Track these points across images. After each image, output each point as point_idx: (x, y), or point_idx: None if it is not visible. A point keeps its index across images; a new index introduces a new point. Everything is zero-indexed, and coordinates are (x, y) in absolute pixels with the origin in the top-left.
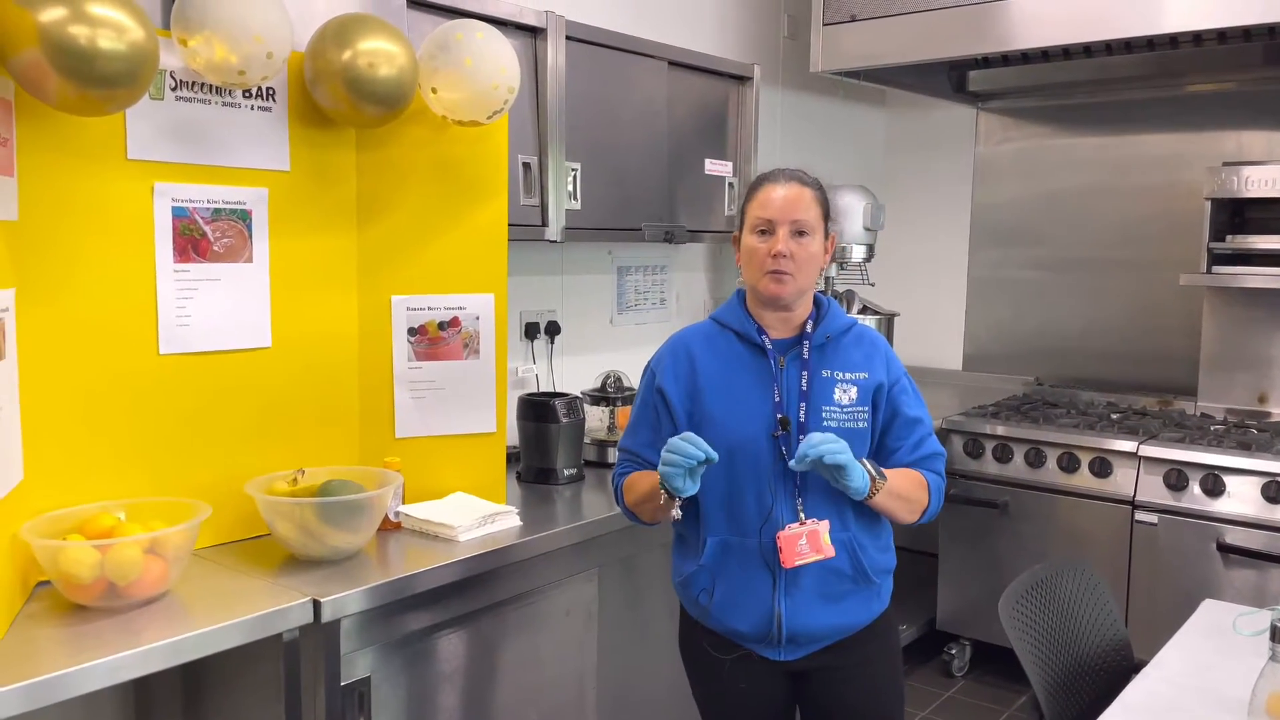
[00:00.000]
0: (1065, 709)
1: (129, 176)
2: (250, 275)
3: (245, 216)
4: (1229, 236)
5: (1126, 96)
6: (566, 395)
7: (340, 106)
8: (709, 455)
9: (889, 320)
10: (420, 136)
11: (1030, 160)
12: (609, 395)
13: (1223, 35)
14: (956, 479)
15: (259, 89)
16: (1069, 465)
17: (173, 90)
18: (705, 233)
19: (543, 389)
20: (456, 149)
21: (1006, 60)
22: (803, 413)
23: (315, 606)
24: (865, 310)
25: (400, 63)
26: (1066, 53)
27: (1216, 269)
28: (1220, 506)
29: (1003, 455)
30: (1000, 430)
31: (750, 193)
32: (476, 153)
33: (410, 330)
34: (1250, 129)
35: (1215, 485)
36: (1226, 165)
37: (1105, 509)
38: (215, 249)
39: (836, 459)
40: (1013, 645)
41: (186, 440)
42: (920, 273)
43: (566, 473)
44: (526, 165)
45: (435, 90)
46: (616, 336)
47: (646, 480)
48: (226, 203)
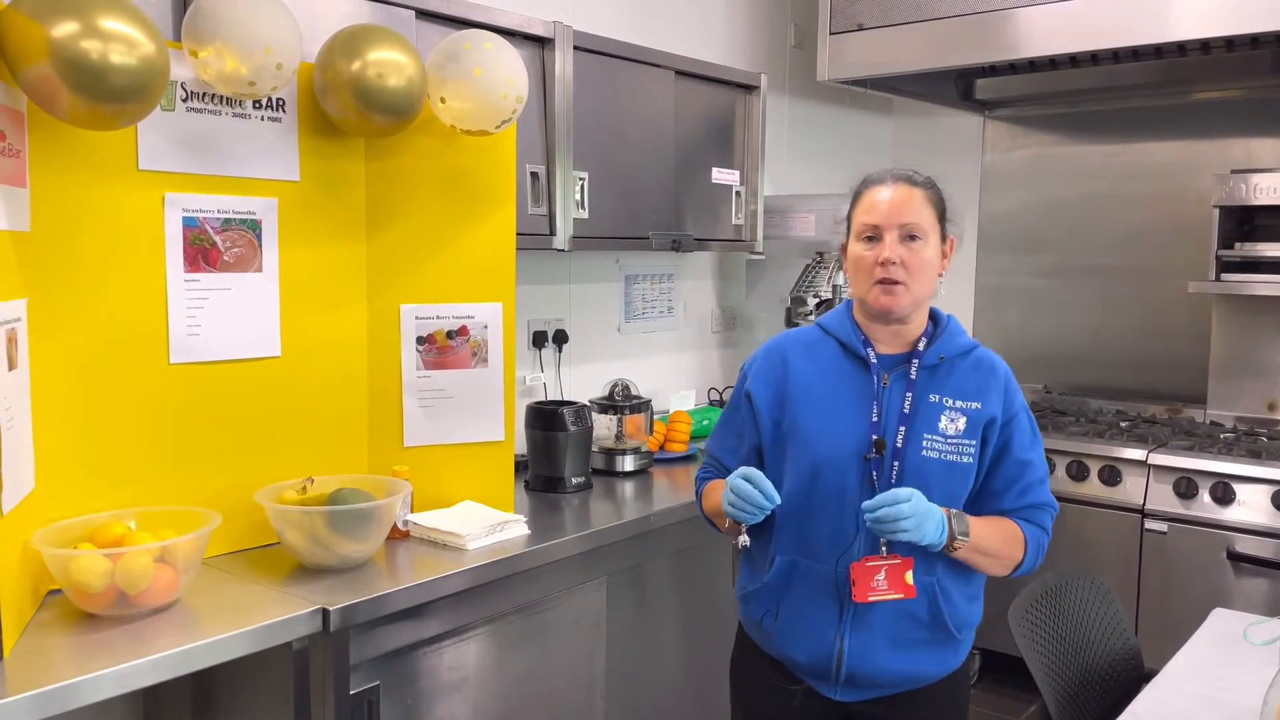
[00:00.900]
0: (1075, 718)
1: (140, 187)
2: (260, 285)
3: (255, 226)
4: (1238, 244)
5: (1134, 104)
6: (574, 404)
7: (349, 116)
8: (772, 502)
9: None
10: (429, 146)
11: (1038, 168)
12: (617, 403)
13: (1231, 43)
14: None
15: (269, 100)
16: (1078, 473)
17: (184, 101)
18: (712, 241)
19: (550, 397)
20: (465, 158)
21: (1014, 68)
22: (900, 438)
23: (324, 615)
24: None
25: (409, 73)
26: (1074, 61)
27: (1225, 276)
28: (1230, 515)
29: None
30: None
31: (855, 197)
32: (485, 162)
33: (419, 339)
34: (1259, 136)
35: (1225, 493)
36: (1235, 173)
37: (1115, 517)
38: (225, 259)
39: (896, 537)
40: (1022, 654)
41: (196, 449)
42: None
43: (574, 481)
44: (534, 174)
45: (444, 100)
46: (624, 345)
47: (719, 495)
48: (236, 213)
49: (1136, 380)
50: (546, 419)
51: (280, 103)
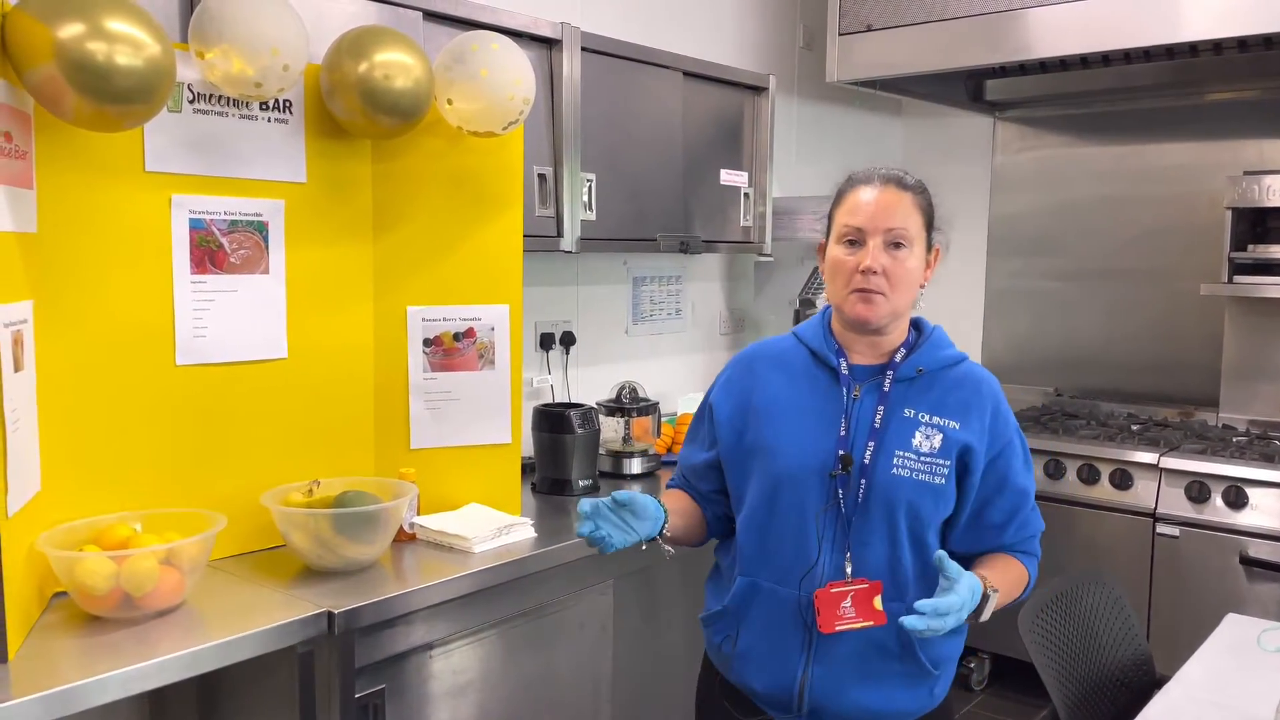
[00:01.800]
0: None
1: (147, 189)
2: (266, 286)
3: (262, 228)
4: (1250, 246)
5: (1146, 105)
6: (581, 406)
7: (356, 118)
8: (641, 537)
9: None
10: (436, 148)
11: (1048, 170)
12: (624, 406)
13: (1244, 43)
14: None
15: (276, 101)
16: (1089, 477)
17: (190, 103)
18: (720, 243)
19: (558, 400)
20: (472, 160)
21: (1024, 69)
22: (869, 454)
23: (330, 618)
24: None
25: (416, 74)
26: (1085, 61)
27: (1238, 279)
28: (1243, 519)
29: None
30: None
31: (839, 195)
32: (492, 164)
33: (425, 341)
34: (1271, 138)
35: (1238, 497)
36: (1248, 174)
37: (1126, 521)
38: (232, 260)
39: (946, 625)
40: (1033, 659)
41: (202, 451)
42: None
43: (582, 484)
44: (542, 176)
45: (451, 101)
46: (632, 347)
47: (669, 503)
48: (243, 214)
49: (1148, 383)
50: (553, 421)
51: (287, 104)
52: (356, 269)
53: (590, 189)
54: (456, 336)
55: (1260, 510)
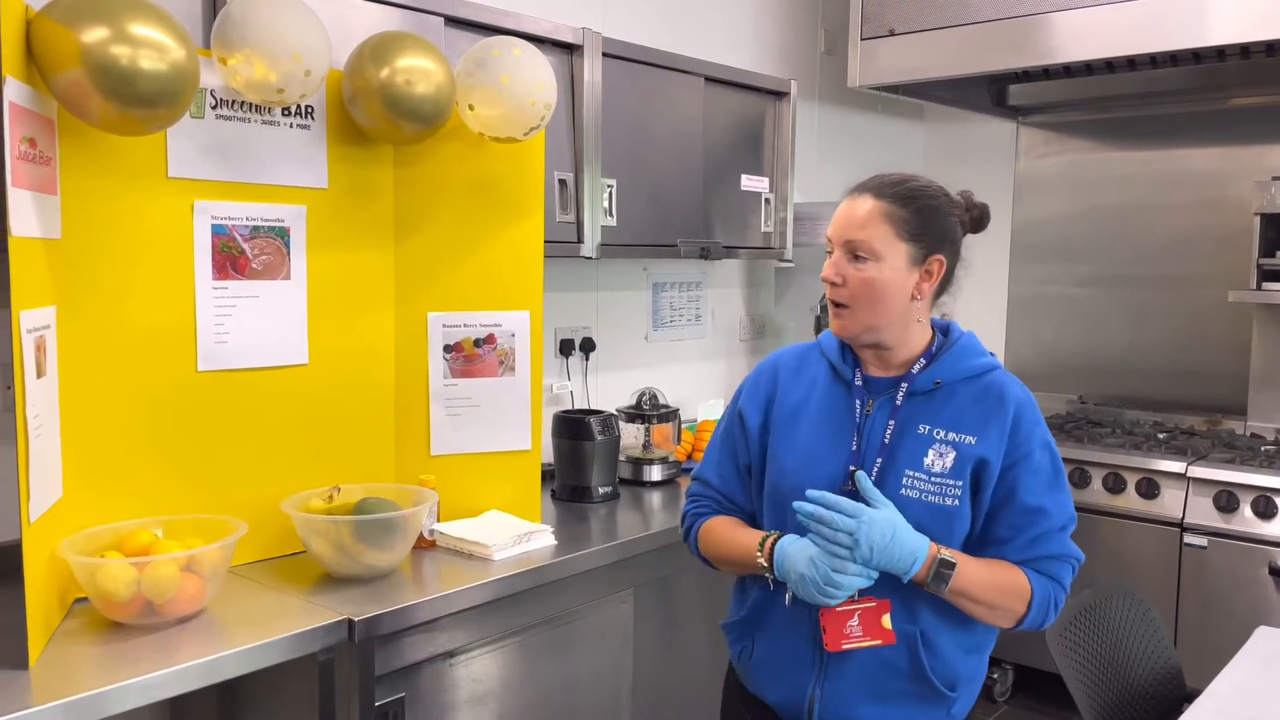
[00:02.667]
0: None
1: (169, 194)
2: (288, 292)
3: (283, 234)
4: (1279, 252)
5: (1171, 110)
6: (601, 412)
7: (378, 124)
8: (868, 578)
9: None
10: (457, 153)
11: (1072, 175)
12: (644, 412)
13: (1271, 48)
14: None
15: (298, 107)
16: (1115, 486)
17: (213, 109)
18: (741, 249)
19: (578, 406)
20: (493, 166)
21: (1048, 74)
22: (876, 471)
23: (350, 626)
24: None
25: (438, 80)
26: (1110, 66)
27: (1266, 285)
28: (1273, 529)
29: None
30: None
31: None
32: (513, 169)
33: (446, 347)
34: None
35: (1267, 507)
36: (1276, 180)
37: (1153, 531)
38: (254, 266)
39: (835, 551)
40: (1061, 672)
41: (223, 457)
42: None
43: (601, 491)
44: (562, 182)
45: (472, 107)
46: (652, 353)
47: (737, 539)
48: (265, 220)
49: (1175, 391)
50: (574, 428)
51: (309, 110)
52: (377, 275)
53: (611, 194)
54: (477, 342)
55: None
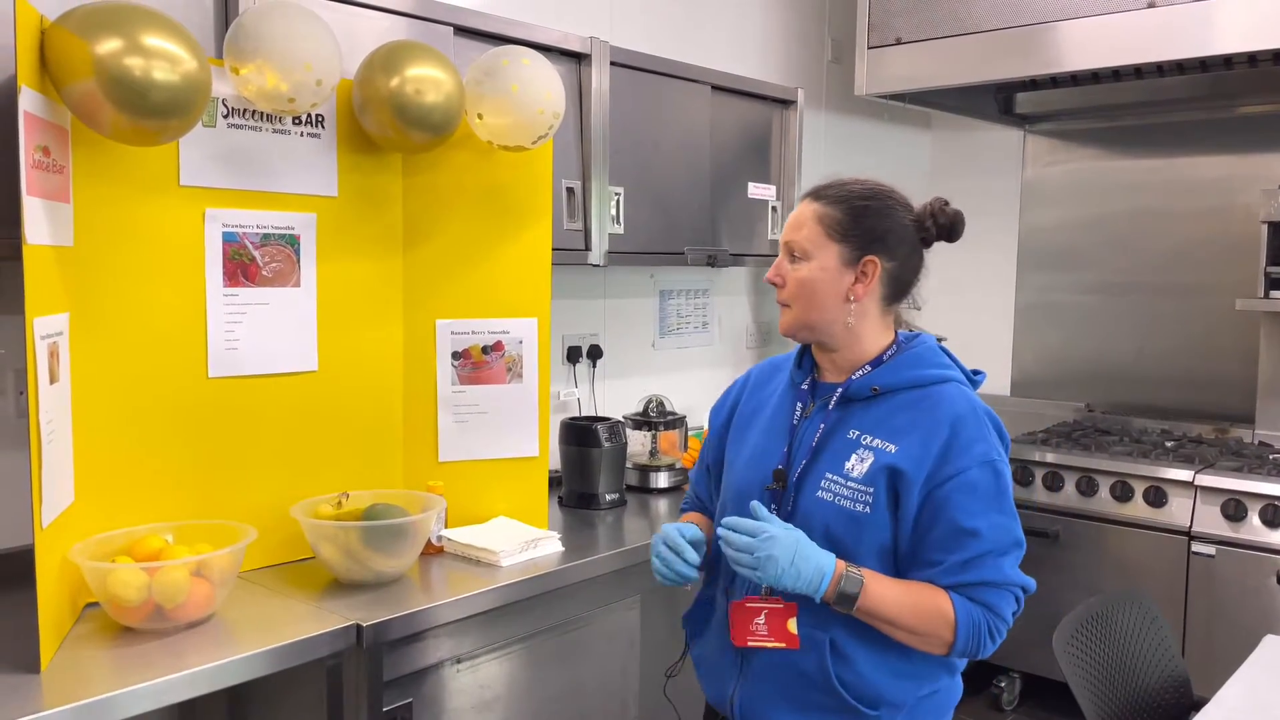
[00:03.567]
0: None
1: (181, 202)
2: (298, 299)
3: (294, 241)
4: None
5: (1178, 118)
6: (608, 419)
7: (388, 132)
8: (688, 577)
9: None
10: (466, 162)
11: (1079, 183)
12: (651, 419)
13: (1278, 56)
14: None
15: (308, 116)
16: (1122, 494)
17: (224, 118)
18: (748, 256)
19: (585, 413)
20: (501, 174)
21: (1055, 82)
22: (799, 473)
23: (358, 631)
24: None
25: (447, 89)
26: (1117, 74)
27: (1274, 294)
28: None
29: (1053, 483)
30: (1050, 458)
31: None
32: (521, 178)
33: (454, 354)
34: None
35: (1275, 516)
36: None
37: (1160, 540)
38: (264, 273)
39: (740, 570)
40: (1067, 680)
41: (233, 463)
42: (967, 296)
43: (608, 498)
44: (570, 190)
45: (481, 116)
46: (659, 360)
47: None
48: (276, 228)
49: (1182, 399)
50: (581, 435)
51: (319, 119)
52: (386, 282)
53: (618, 202)
54: (485, 349)
55: None
